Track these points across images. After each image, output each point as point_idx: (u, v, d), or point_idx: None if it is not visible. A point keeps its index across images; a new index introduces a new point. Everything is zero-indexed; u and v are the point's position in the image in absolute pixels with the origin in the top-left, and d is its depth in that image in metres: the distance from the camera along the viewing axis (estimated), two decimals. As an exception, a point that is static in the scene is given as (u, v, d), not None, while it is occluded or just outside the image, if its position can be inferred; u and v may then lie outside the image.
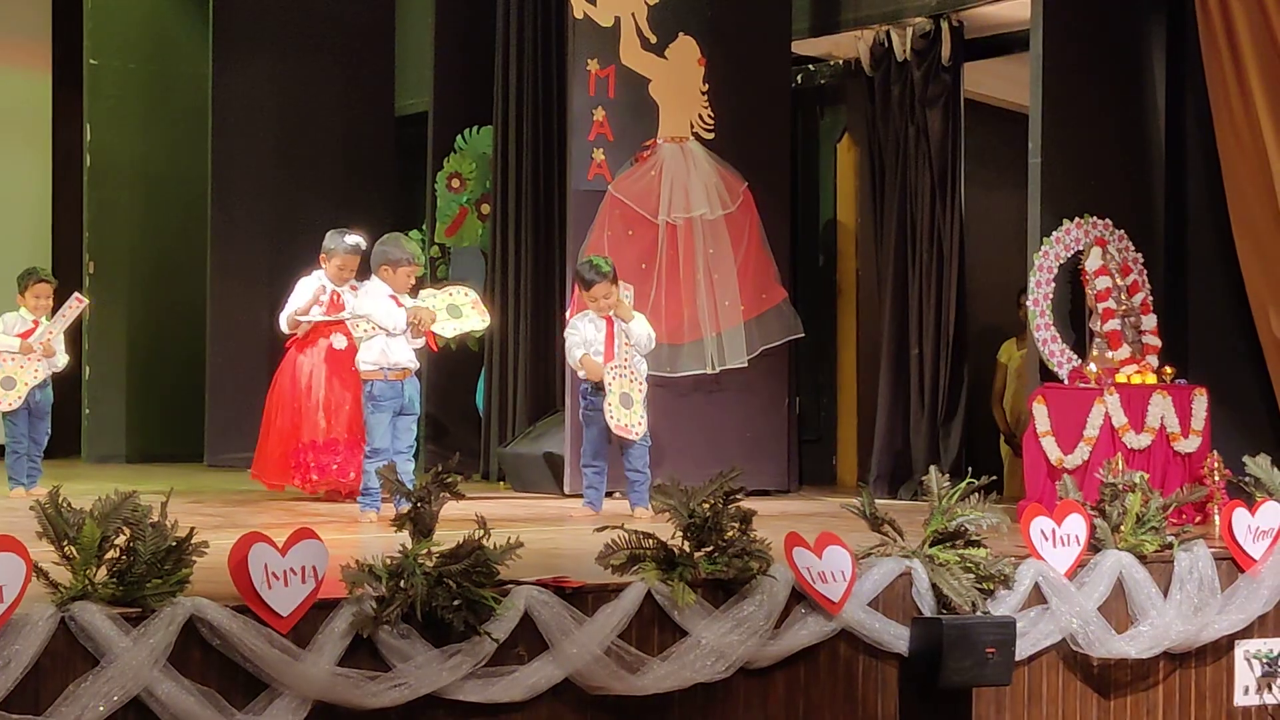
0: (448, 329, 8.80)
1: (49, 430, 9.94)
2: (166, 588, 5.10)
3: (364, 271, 9.21)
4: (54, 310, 9.81)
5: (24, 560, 4.93)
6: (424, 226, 11.82)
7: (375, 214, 12.32)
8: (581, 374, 8.90)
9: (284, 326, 9.66)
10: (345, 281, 9.60)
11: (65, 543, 5.10)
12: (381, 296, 8.50)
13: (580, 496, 9.00)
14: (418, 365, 8.59)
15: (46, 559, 5.07)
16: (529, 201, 10.93)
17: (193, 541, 5.22)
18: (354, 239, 9.60)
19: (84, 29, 12.65)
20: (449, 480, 5.69)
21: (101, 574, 5.10)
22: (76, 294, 9.83)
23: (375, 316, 8.45)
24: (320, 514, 8.61)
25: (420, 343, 8.57)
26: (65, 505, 5.15)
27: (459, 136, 11.48)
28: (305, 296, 9.58)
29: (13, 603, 4.86)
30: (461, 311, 8.81)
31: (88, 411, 12.65)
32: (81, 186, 12.71)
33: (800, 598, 6.05)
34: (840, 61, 10.92)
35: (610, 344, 8.79)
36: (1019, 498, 8.40)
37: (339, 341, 9.61)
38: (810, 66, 11.04)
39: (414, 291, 8.74)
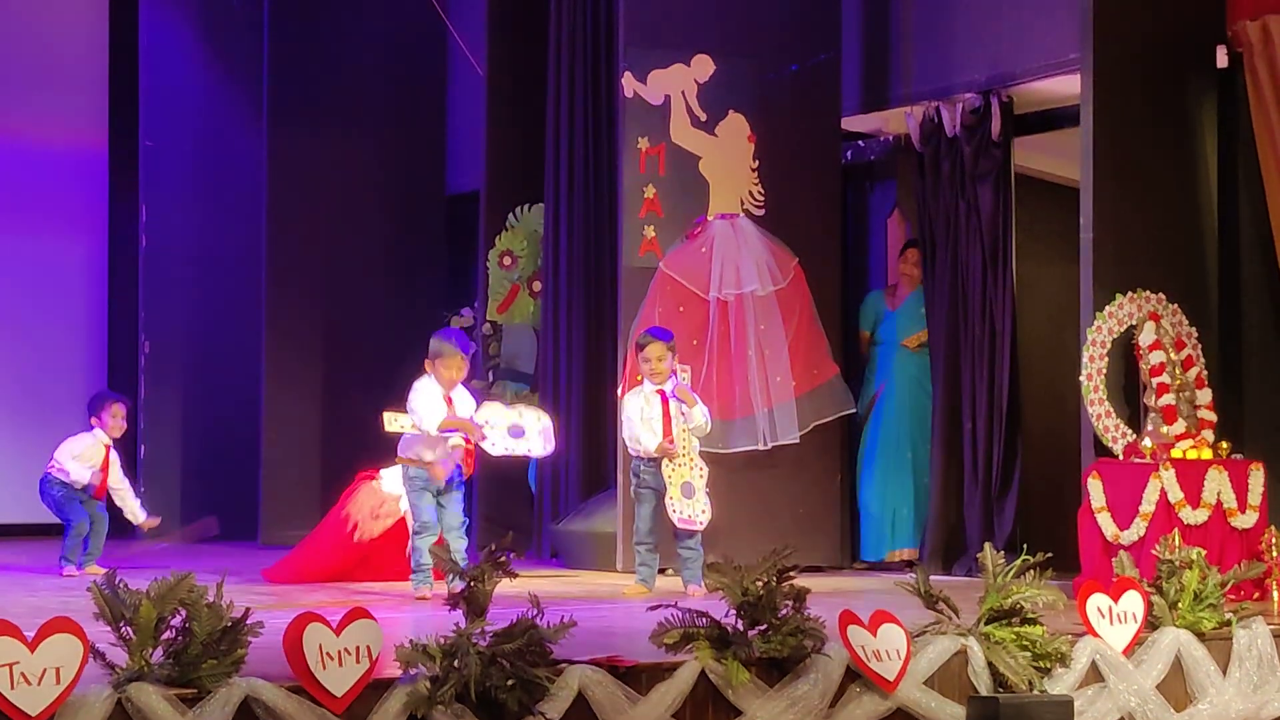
0: (499, 447, 8.79)
1: (105, 511, 10.02)
2: (222, 668, 5.11)
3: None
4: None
5: (81, 641, 4.96)
6: (476, 304, 11.88)
7: (427, 292, 12.43)
8: (636, 450, 8.91)
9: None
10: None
11: (122, 623, 5.12)
12: (430, 395, 8.49)
13: (633, 574, 8.98)
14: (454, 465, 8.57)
15: (103, 639, 5.10)
16: (580, 279, 10.97)
17: (247, 622, 5.23)
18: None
19: (139, 111, 12.82)
20: (502, 559, 5.70)
21: (158, 654, 5.12)
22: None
23: (416, 415, 8.44)
24: (374, 593, 8.61)
25: (459, 454, 8.53)
26: (122, 586, 5.18)
27: (510, 214, 11.55)
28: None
29: (70, 683, 4.89)
30: (525, 432, 8.81)
31: (143, 489, 12.71)
32: (137, 266, 12.84)
33: (855, 676, 6.01)
34: (890, 137, 10.95)
35: (667, 424, 8.81)
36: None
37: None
38: (860, 142, 11.07)
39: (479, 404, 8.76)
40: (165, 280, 12.77)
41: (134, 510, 10.02)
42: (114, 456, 9.92)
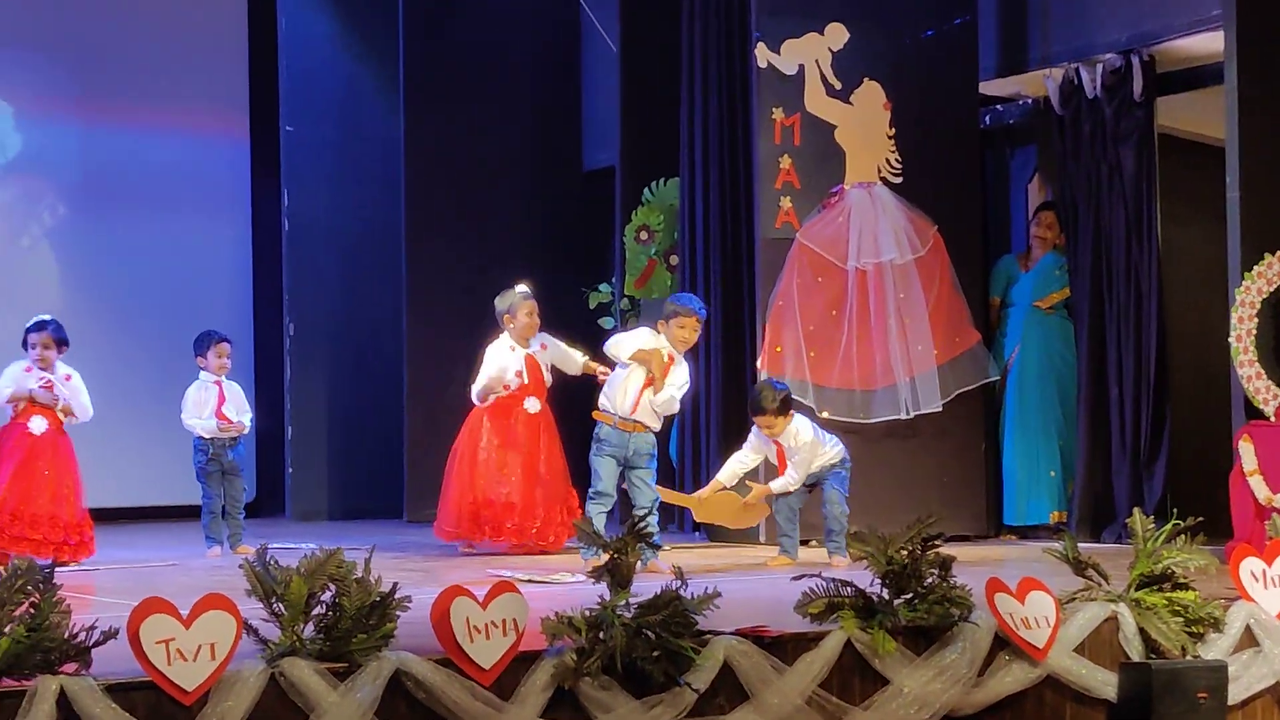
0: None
1: (246, 488, 10.16)
2: (372, 642, 5.17)
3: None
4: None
5: (234, 618, 5.05)
6: (613, 280, 11.90)
7: (565, 268, 12.47)
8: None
9: (475, 399, 9.85)
10: (535, 332, 9.79)
11: (273, 600, 5.19)
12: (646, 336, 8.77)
13: (776, 545, 8.97)
14: (656, 427, 8.77)
15: (256, 616, 5.18)
16: (717, 251, 10.94)
17: (396, 596, 5.29)
18: (523, 287, 9.90)
19: (279, 96, 12.98)
20: (645, 531, 5.72)
21: (309, 629, 5.19)
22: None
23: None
24: (519, 567, 8.67)
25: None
26: (273, 563, 5.25)
27: (646, 189, 11.56)
28: (499, 366, 9.78)
29: (224, 659, 4.97)
30: None
31: (291, 470, 12.90)
32: (280, 250, 13.01)
33: (1003, 644, 5.97)
34: (1029, 100, 10.82)
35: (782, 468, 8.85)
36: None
37: (532, 405, 9.75)
38: (998, 106, 10.96)
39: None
40: (308, 262, 12.92)
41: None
42: (228, 392, 9.96)
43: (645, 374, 8.76)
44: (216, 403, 9.85)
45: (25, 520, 9.02)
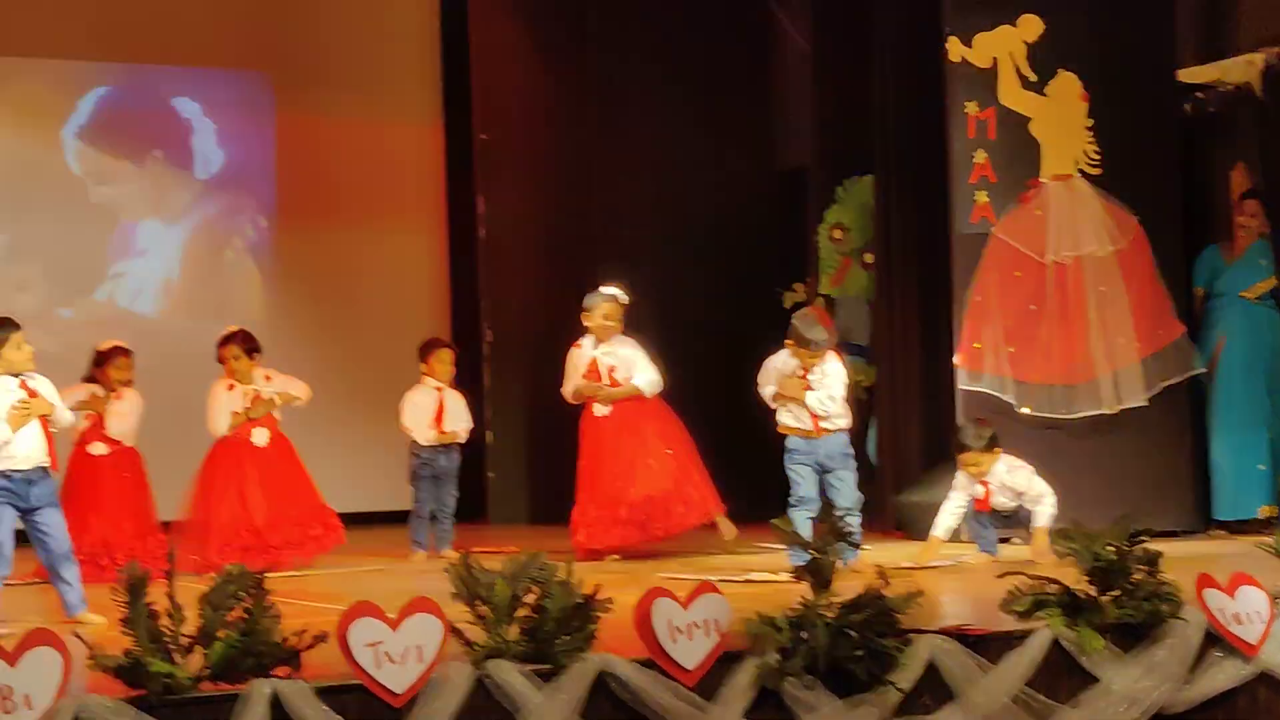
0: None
1: (456, 493, 10.29)
2: (575, 644, 5.22)
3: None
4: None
5: (441, 621, 5.12)
6: (808, 279, 11.87)
7: (759, 269, 12.45)
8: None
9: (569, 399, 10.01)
10: (611, 336, 9.77)
11: (478, 603, 5.26)
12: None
13: (974, 543, 8.88)
14: (844, 424, 8.61)
15: (461, 619, 5.24)
16: (912, 248, 10.87)
17: (598, 598, 5.33)
18: (609, 289, 9.83)
19: (472, 105, 13.14)
20: (846, 531, 5.70)
21: (513, 632, 5.24)
22: None
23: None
24: (717, 567, 8.68)
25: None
26: (477, 566, 5.32)
27: (839, 187, 11.51)
28: (572, 368, 9.90)
29: (432, 662, 5.05)
30: None
31: (491, 475, 13.04)
32: (476, 258, 13.17)
33: (1214, 641, 5.86)
34: (1231, 87, 10.59)
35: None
36: None
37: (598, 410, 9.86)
38: (1199, 94, 10.73)
39: None
40: (504, 269, 13.05)
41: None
42: (449, 401, 10.09)
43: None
44: (436, 410, 9.99)
45: (273, 529, 9.31)
